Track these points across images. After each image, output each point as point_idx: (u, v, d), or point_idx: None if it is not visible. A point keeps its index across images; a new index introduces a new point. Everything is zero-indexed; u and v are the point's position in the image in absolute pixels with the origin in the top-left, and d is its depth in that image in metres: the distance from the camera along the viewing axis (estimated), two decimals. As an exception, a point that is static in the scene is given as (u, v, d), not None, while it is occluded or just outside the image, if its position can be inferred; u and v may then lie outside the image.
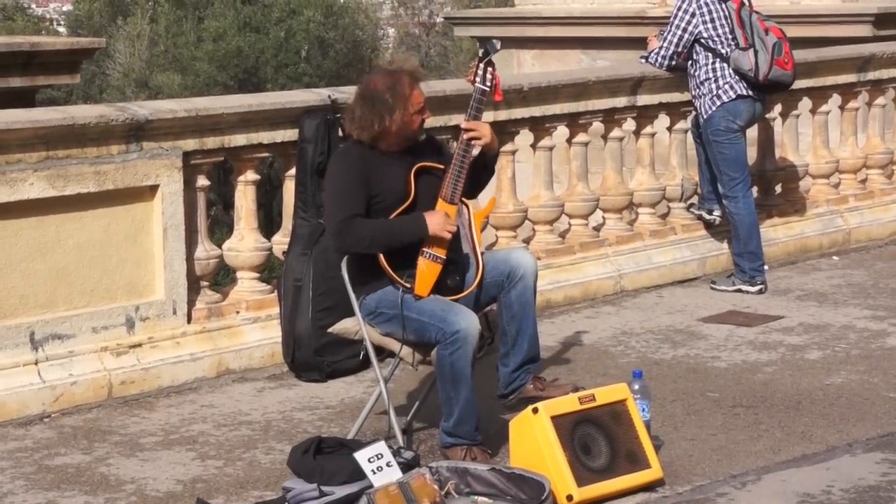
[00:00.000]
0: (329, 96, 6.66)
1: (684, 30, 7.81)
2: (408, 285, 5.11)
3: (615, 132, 8.03)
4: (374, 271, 5.18)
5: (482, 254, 5.26)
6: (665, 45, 7.92)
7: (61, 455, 5.39)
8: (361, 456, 4.74)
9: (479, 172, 5.36)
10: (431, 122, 5.73)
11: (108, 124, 6.02)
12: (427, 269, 5.15)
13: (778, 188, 8.93)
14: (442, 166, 5.25)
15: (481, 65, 5.29)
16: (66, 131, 5.93)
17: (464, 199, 5.26)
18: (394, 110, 5.15)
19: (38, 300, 5.95)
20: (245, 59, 24.81)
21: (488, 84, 5.29)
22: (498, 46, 5.37)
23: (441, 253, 5.16)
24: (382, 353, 5.35)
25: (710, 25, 7.76)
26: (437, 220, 5.12)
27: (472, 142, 5.23)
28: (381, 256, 5.11)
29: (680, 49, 7.88)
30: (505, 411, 5.48)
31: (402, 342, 5.14)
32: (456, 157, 5.23)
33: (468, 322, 4.97)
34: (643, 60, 8.08)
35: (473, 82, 5.30)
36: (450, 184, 5.20)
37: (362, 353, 5.40)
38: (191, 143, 6.33)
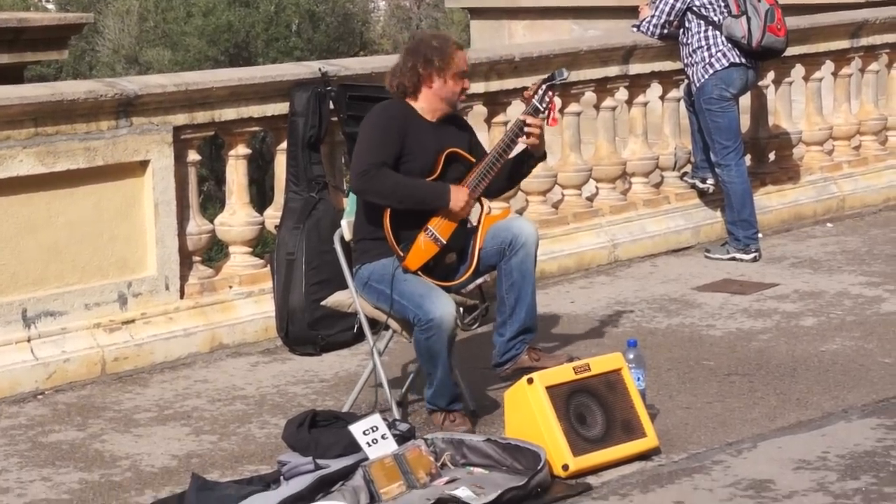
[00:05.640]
0: (320, 69, 6.63)
1: (676, -3, 7.77)
2: (401, 253, 5.11)
3: (607, 102, 8.00)
4: (374, 239, 5.18)
5: (480, 251, 5.25)
6: (657, 13, 7.88)
7: (55, 432, 5.38)
8: (356, 429, 4.73)
9: (520, 167, 5.40)
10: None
11: (97, 100, 5.99)
12: (425, 246, 5.15)
13: (771, 156, 8.90)
14: (473, 160, 5.28)
15: (544, 86, 5.30)
16: (54, 107, 5.89)
17: (482, 198, 5.28)
18: (437, 57, 5.18)
19: (30, 277, 5.93)
20: (235, 33, 24.69)
21: (544, 105, 5.28)
22: (566, 74, 5.38)
23: (443, 236, 5.17)
24: (376, 325, 5.35)
25: (701, -7, 7.72)
26: (461, 197, 5.16)
27: (527, 136, 5.24)
28: (387, 217, 5.10)
29: (672, 17, 7.85)
30: (500, 382, 5.47)
31: (388, 315, 5.16)
32: (490, 155, 5.26)
33: (443, 311, 4.99)
34: (635, 29, 8.05)
35: (531, 99, 5.30)
36: (476, 177, 5.23)
37: (356, 326, 5.40)
38: (181, 118, 6.29)
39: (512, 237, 5.25)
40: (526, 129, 5.25)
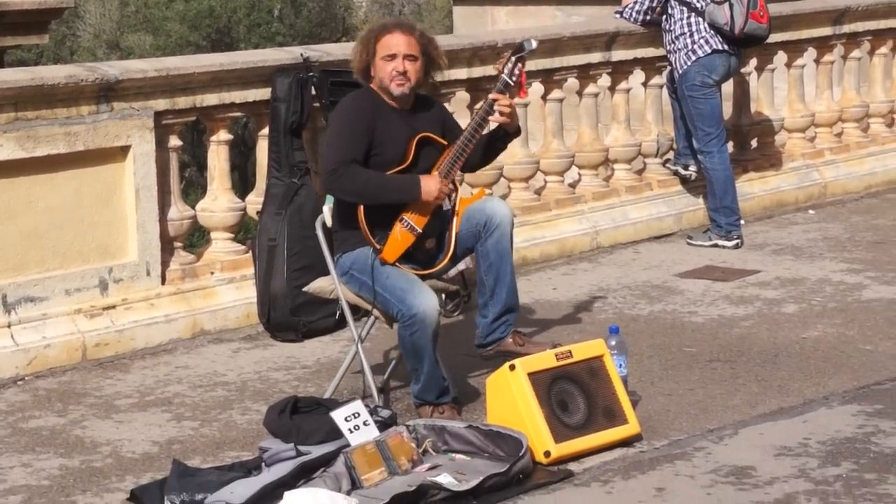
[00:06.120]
0: (301, 55, 6.60)
1: (659, -16, 7.77)
2: (378, 246, 5.09)
3: (590, 88, 7.99)
4: (352, 229, 5.15)
5: (456, 235, 5.22)
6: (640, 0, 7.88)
7: (36, 418, 5.36)
8: (338, 415, 4.73)
9: (495, 143, 5.34)
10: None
11: (77, 84, 5.95)
12: (400, 236, 5.12)
13: (753, 143, 8.92)
14: (445, 142, 5.22)
15: (513, 58, 5.24)
16: (34, 92, 5.86)
17: (455, 180, 5.24)
18: (364, 43, 5.14)
19: (10, 263, 5.90)
20: (217, 18, 24.64)
21: (514, 79, 5.23)
22: (534, 45, 5.30)
23: (418, 225, 5.14)
24: (358, 311, 5.34)
25: (684, -21, 7.72)
26: (432, 187, 5.10)
27: (497, 113, 5.16)
28: (361, 211, 5.08)
29: (655, 4, 7.84)
30: (481, 369, 5.47)
31: (372, 305, 5.15)
32: (462, 138, 5.19)
33: (426, 305, 4.96)
34: (618, 16, 8.04)
35: (501, 72, 5.25)
36: (449, 160, 5.17)
37: (338, 313, 5.39)
38: (162, 103, 6.26)
39: (486, 219, 5.21)
40: (496, 106, 5.20)
